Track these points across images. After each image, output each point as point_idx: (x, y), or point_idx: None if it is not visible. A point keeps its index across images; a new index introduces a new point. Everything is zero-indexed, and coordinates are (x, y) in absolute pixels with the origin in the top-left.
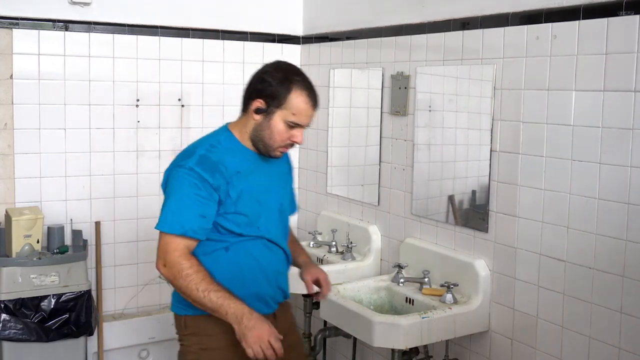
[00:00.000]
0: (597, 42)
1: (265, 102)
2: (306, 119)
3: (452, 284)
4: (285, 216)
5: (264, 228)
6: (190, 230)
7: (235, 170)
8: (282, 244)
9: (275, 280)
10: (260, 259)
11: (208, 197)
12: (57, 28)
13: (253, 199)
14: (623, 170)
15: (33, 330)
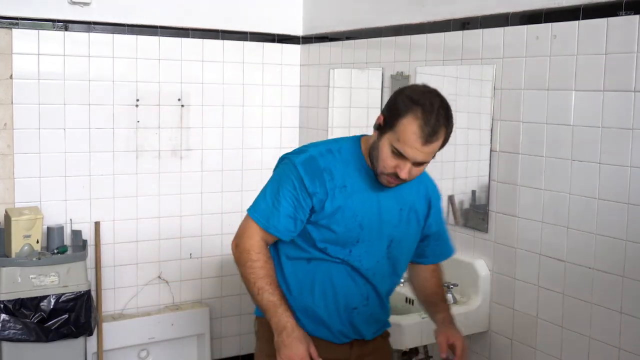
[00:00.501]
0: (597, 42)
1: (384, 120)
2: (411, 151)
3: (452, 284)
4: (398, 256)
5: (356, 255)
6: (273, 227)
7: (342, 183)
8: (374, 281)
9: (347, 315)
10: (338, 286)
11: (302, 200)
12: (57, 28)
13: (353, 219)
14: (623, 170)
15: (33, 331)
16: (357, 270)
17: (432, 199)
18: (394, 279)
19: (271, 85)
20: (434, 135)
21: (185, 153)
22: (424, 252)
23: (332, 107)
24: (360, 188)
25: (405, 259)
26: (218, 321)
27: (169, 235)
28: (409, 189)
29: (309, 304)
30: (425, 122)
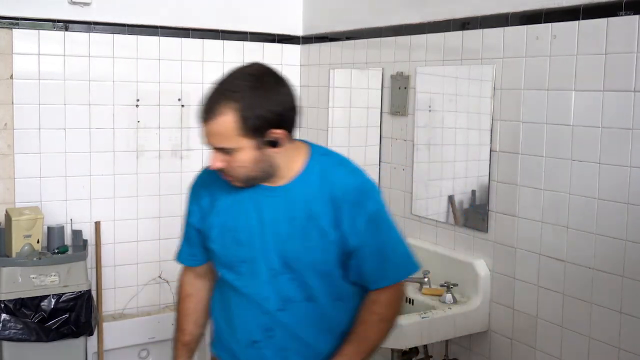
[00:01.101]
0: (597, 42)
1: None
2: (202, 134)
3: (452, 284)
4: (304, 277)
5: (244, 279)
6: (179, 256)
7: (217, 197)
8: (274, 310)
9: (252, 349)
10: (234, 316)
11: (191, 222)
12: (57, 28)
13: (229, 236)
14: (623, 170)
15: (33, 330)
16: (248, 296)
17: (339, 201)
18: (319, 306)
19: None
20: (210, 112)
21: (185, 153)
22: (361, 273)
23: (332, 107)
24: (236, 200)
25: (322, 280)
26: None
27: (169, 235)
28: (303, 192)
29: (224, 336)
30: (204, 101)
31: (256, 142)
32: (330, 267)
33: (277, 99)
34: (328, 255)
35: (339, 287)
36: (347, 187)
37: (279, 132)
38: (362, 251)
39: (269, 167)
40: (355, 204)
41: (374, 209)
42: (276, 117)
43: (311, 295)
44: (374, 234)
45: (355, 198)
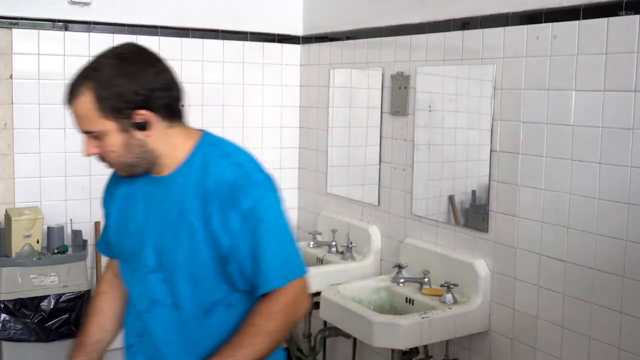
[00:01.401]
0: (597, 42)
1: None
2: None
3: (452, 284)
4: (173, 279)
5: (128, 274)
6: (97, 244)
7: (120, 185)
8: (144, 312)
9: (127, 352)
10: (123, 317)
11: (103, 207)
12: (57, 28)
13: (122, 227)
14: (623, 170)
15: (33, 331)
16: (129, 293)
17: (210, 196)
18: (183, 317)
19: (271, 85)
20: (70, 94)
21: None
22: (242, 279)
23: (332, 107)
24: (131, 189)
25: (191, 286)
26: None
27: None
28: (181, 184)
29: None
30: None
31: (120, 124)
32: (201, 272)
33: (141, 78)
34: (198, 256)
35: (210, 299)
36: (221, 180)
37: (145, 113)
38: (238, 254)
39: (145, 154)
40: (227, 200)
41: (250, 206)
42: (140, 97)
43: (177, 301)
44: (250, 234)
45: (227, 193)
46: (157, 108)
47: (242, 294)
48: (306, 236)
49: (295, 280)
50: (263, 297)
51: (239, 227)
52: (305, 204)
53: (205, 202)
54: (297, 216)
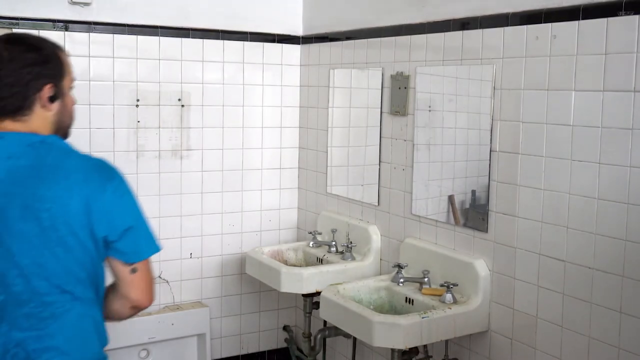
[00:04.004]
0: (597, 42)
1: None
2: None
3: (452, 284)
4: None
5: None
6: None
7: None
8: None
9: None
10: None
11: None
12: (57, 28)
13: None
14: (623, 170)
15: None
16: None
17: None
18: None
19: (271, 85)
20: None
21: (185, 153)
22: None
23: (332, 107)
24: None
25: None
26: (218, 321)
27: (169, 235)
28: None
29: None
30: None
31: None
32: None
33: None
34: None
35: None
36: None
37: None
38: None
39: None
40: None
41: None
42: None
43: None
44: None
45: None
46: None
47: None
48: (306, 236)
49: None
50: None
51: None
52: (305, 204)
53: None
54: (297, 216)
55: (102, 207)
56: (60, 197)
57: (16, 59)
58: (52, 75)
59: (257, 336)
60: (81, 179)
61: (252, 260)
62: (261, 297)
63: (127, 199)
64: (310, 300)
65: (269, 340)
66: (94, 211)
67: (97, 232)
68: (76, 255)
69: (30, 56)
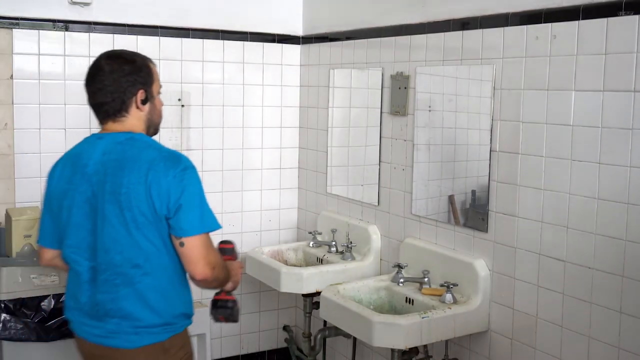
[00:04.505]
0: (597, 42)
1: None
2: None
3: (452, 284)
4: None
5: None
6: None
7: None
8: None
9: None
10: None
11: None
12: (57, 28)
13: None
14: (623, 170)
15: (33, 330)
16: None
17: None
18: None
19: (271, 85)
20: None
21: (185, 153)
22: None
23: (332, 107)
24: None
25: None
26: None
27: None
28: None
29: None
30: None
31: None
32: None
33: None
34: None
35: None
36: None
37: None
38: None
39: None
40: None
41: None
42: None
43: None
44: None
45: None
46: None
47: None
48: (306, 236)
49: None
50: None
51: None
52: (305, 204)
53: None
54: (297, 216)
55: (162, 189)
56: (133, 182)
57: (116, 71)
58: (144, 82)
59: (257, 336)
60: (150, 167)
61: (252, 260)
62: (261, 297)
63: (186, 183)
64: (310, 300)
65: (269, 340)
66: (156, 192)
67: (158, 210)
68: (146, 232)
69: (127, 67)
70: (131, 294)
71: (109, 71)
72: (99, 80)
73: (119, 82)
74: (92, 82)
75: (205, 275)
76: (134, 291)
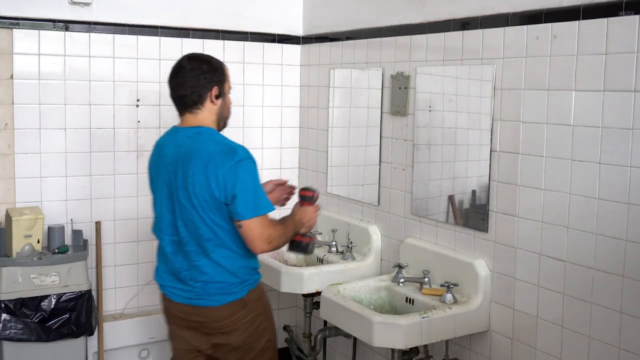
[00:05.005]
0: (597, 42)
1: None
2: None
3: (452, 284)
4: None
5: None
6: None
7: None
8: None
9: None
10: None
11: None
12: (58, 28)
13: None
14: (623, 170)
15: (33, 330)
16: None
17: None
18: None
19: (271, 85)
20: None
21: None
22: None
23: (332, 107)
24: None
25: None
26: None
27: None
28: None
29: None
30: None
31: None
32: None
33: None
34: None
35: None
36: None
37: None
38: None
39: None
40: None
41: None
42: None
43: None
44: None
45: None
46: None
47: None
48: None
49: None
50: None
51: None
52: None
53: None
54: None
55: (219, 179)
56: (197, 173)
57: (195, 69)
58: (218, 80)
59: None
60: (209, 160)
61: None
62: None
63: (240, 174)
64: (310, 300)
65: None
66: (214, 182)
67: (218, 197)
68: (211, 214)
69: (205, 67)
70: (209, 263)
71: (190, 69)
72: (180, 77)
73: (198, 79)
74: (175, 78)
75: (263, 250)
76: (210, 260)
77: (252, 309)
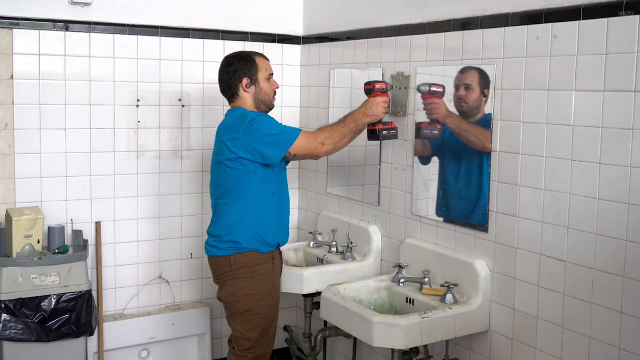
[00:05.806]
0: (597, 42)
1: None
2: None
3: (452, 284)
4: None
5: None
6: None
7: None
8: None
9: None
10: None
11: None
12: (58, 28)
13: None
14: (623, 170)
15: (33, 330)
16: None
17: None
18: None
19: None
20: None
21: (185, 153)
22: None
23: (332, 107)
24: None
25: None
26: (218, 321)
27: (169, 235)
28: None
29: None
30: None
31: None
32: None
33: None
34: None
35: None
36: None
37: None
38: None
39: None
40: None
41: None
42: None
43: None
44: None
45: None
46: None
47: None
48: (306, 236)
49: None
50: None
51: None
52: (305, 204)
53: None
54: (297, 216)
55: (240, 143)
56: (224, 140)
57: (224, 67)
58: (248, 72)
59: None
60: (229, 129)
61: None
62: None
63: (254, 131)
64: (310, 301)
65: None
66: (236, 147)
67: (249, 158)
68: (228, 174)
69: (235, 62)
70: (218, 219)
71: (221, 68)
72: (219, 74)
73: (229, 75)
74: (218, 75)
75: (321, 152)
76: (219, 216)
77: (236, 272)
